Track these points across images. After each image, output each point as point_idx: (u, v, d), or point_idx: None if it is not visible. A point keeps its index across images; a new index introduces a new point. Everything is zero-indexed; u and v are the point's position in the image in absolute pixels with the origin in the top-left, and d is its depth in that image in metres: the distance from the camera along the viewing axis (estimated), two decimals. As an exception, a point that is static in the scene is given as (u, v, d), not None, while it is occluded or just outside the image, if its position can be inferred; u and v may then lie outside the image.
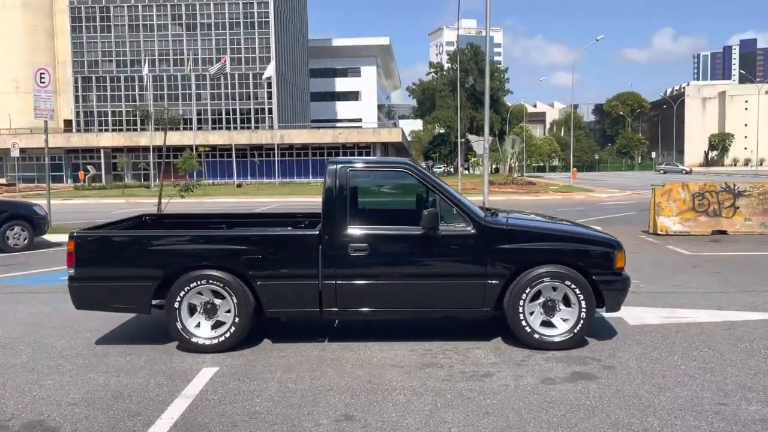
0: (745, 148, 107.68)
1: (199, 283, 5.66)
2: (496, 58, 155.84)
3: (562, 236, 6.02)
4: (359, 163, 6.02)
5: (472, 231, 5.71)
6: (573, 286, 5.64)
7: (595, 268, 5.75)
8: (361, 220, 5.86)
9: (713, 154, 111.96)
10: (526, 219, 6.62)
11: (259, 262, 5.69)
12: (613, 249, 5.85)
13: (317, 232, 5.73)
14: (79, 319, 7.08)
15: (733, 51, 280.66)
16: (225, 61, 57.35)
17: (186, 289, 5.65)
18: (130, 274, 5.74)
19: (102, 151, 60.55)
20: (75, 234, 5.79)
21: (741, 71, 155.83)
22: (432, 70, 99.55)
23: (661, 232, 13.95)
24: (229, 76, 67.90)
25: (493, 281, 5.68)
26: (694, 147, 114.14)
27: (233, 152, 55.90)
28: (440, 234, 5.68)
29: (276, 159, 59.13)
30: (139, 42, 71.82)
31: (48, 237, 14.28)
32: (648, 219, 14.89)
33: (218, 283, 5.65)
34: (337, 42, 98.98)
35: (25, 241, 12.83)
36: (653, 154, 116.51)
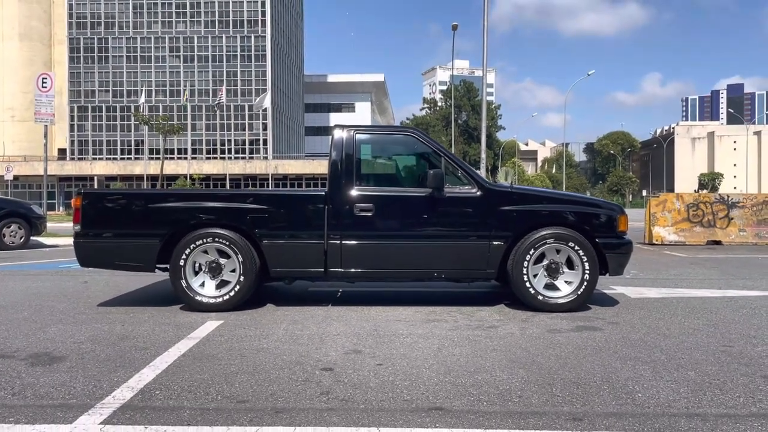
0: (735, 188, 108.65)
1: (204, 241, 5.66)
2: (489, 98, 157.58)
3: (565, 199, 6.09)
4: (366, 128, 6.10)
5: (478, 193, 5.77)
6: (576, 248, 5.69)
7: (598, 230, 5.81)
8: (368, 181, 5.92)
9: (703, 193, 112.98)
10: (529, 186, 6.69)
11: (266, 221, 5.72)
12: (615, 212, 5.92)
13: (324, 193, 5.78)
14: (79, 290, 7.08)
15: (721, 95, 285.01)
16: (222, 92, 58.01)
17: (192, 246, 5.65)
18: (137, 231, 5.74)
19: (96, 179, 60.64)
20: (82, 190, 5.81)
21: (729, 110, 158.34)
22: (426, 105, 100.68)
23: (656, 242, 14.03)
24: (224, 107, 68.49)
25: (497, 242, 5.72)
26: (684, 186, 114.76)
27: (227, 182, 56.04)
28: (445, 195, 5.73)
29: (270, 189, 59.29)
30: (136, 73, 72.53)
31: (43, 239, 14.25)
32: (642, 233, 14.99)
33: (224, 242, 5.66)
34: (333, 78, 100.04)
35: (21, 240, 12.78)
36: (644, 193, 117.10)
